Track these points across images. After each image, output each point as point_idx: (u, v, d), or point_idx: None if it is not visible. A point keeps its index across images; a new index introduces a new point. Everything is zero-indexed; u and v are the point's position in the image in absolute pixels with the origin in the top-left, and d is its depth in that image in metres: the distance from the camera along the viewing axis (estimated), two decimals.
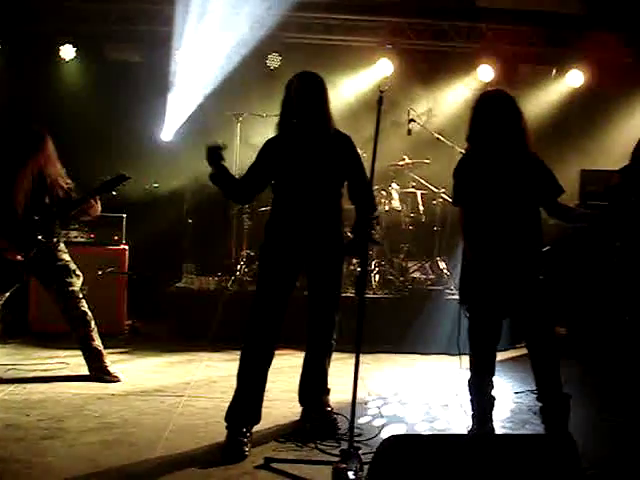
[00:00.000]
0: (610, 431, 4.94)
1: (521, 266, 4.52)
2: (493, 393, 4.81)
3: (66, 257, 5.73)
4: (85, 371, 5.78)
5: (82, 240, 7.37)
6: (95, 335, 5.76)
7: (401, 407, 5.43)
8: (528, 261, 4.55)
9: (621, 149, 6.37)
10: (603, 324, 6.10)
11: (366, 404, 5.29)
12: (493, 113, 4.48)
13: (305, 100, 4.45)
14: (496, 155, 4.48)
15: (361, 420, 4.38)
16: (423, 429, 4.87)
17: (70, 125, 7.93)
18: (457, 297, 4.84)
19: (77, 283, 5.74)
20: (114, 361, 6.01)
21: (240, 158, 7.53)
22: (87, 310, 5.73)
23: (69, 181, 5.72)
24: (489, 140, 4.48)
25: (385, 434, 3.28)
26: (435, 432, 4.80)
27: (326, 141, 4.51)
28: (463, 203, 4.62)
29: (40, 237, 5.54)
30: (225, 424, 4.37)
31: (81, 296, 5.73)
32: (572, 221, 4.77)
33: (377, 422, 4.93)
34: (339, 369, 5.01)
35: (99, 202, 5.73)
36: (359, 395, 3.84)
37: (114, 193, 5.72)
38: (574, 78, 9.11)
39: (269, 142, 4.62)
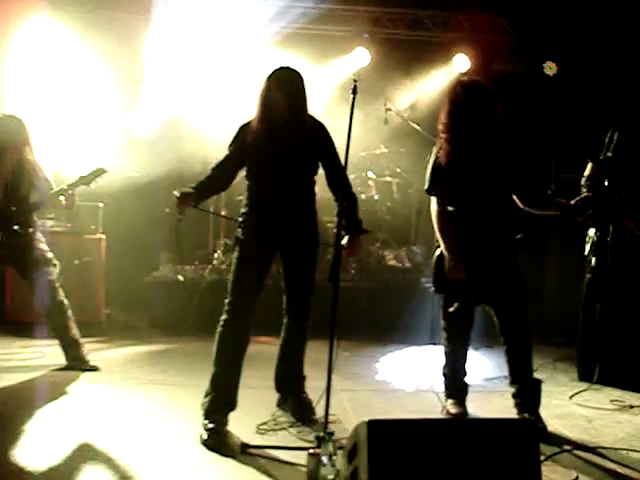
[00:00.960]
0: (581, 416, 5.02)
1: (495, 254, 4.59)
2: (466, 379, 4.89)
3: (43, 246, 5.72)
4: (62, 360, 5.78)
5: (58, 229, 7.35)
6: (72, 324, 5.76)
7: (376, 393, 5.49)
8: (502, 249, 4.62)
9: (594, 138, 6.45)
10: (576, 310, 6.17)
11: (341, 390, 5.34)
12: (470, 103, 4.53)
13: (283, 96, 4.45)
14: (473, 145, 4.54)
15: (336, 406, 4.42)
16: (397, 414, 4.92)
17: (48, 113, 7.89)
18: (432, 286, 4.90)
19: (54, 272, 5.73)
20: (92, 350, 6.02)
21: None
22: (64, 299, 5.73)
23: (45, 173, 5.71)
24: (466, 130, 4.54)
25: (359, 419, 3.30)
26: (410, 417, 4.85)
27: (300, 128, 4.52)
28: (438, 192, 4.68)
29: (16, 228, 5.54)
30: (201, 411, 4.40)
31: (58, 285, 5.73)
32: (545, 208, 4.83)
33: (352, 408, 4.98)
34: (314, 357, 5.05)
35: (75, 194, 5.72)
36: (334, 381, 3.89)
37: (92, 186, 5.72)
38: (548, 68, 9.15)
39: (243, 127, 4.62)
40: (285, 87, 4.47)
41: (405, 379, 5.89)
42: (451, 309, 4.68)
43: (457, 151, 4.57)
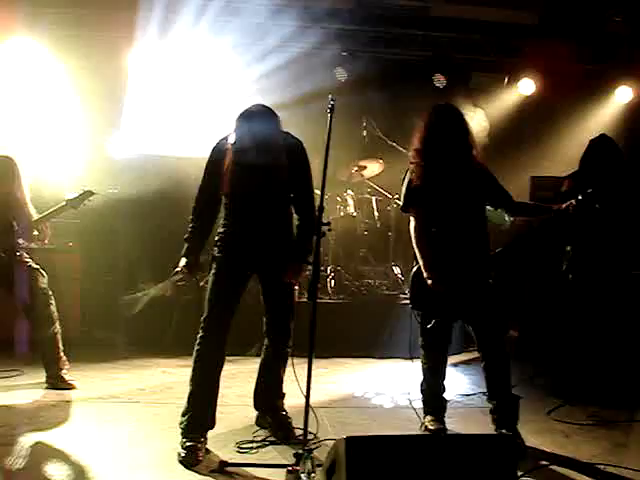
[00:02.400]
0: (559, 431, 5.05)
1: (471, 271, 4.64)
2: (444, 395, 4.91)
3: (28, 259, 5.72)
4: (40, 378, 5.75)
5: (34, 246, 7.27)
6: (59, 338, 5.75)
7: (355, 410, 5.49)
8: (477, 266, 4.66)
9: (570, 156, 6.53)
10: (553, 326, 6.22)
11: (320, 408, 5.33)
12: (443, 126, 4.64)
13: (259, 123, 4.45)
14: (445, 166, 4.62)
15: (315, 423, 4.42)
16: (376, 431, 4.93)
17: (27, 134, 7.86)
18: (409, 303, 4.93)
19: (44, 281, 5.71)
20: (69, 368, 5.97)
21: None
22: (55, 310, 5.71)
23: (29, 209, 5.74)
24: (439, 152, 4.63)
25: (339, 436, 3.31)
26: (388, 433, 4.86)
27: (276, 144, 4.49)
28: (412, 210, 4.75)
29: (3, 255, 5.57)
30: (180, 429, 4.38)
31: (50, 294, 5.71)
32: (535, 214, 4.95)
33: (330, 425, 4.98)
34: (293, 374, 5.05)
35: (48, 229, 5.76)
36: (313, 399, 3.89)
37: (79, 208, 5.76)
38: (526, 86, 9.27)
39: (217, 148, 4.62)
40: (255, 114, 4.48)
41: (384, 395, 5.90)
42: (428, 326, 4.71)
43: (428, 172, 4.66)
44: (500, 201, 4.80)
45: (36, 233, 5.75)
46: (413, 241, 4.76)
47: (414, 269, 4.81)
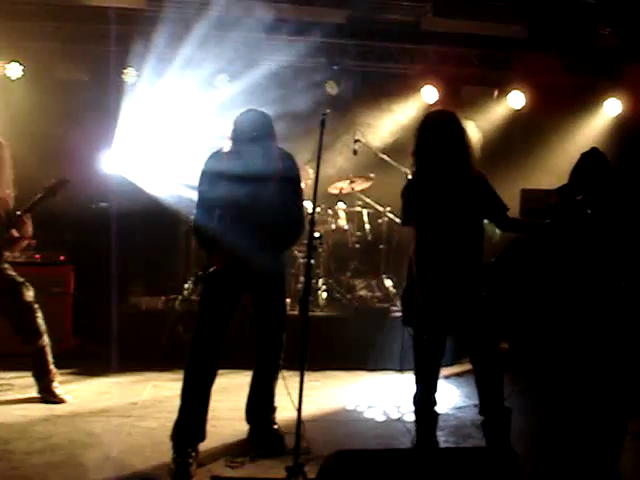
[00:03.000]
0: (551, 443, 5.06)
1: (464, 283, 4.63)
2: (436, 409, 4.90)
3: (12, 272, 5.69)
4: (31, 392, 5.74)
5: (26, 260, 7.28)
6: (48, 350, 5.73)
7: (347, 423, 5.49)
8: (471, 279, 4.66)
9: (560, 168, 6.55)
10: (544, 339, 6.23)
11: (312, 421, 5.33)
12: (437, 134, 4.58)
13: (251, 140, 4.49)
14: (441, 175, 4.57)
15: (307, 437, 4.42)
16: (368, 444, 4.93)
17: (17, 145, 7.83)
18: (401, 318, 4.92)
19: (30, 295, 5.69)
20: (61, 382, 5.95)
21: None
22: (43, 323, 5.70)
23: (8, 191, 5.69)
24: (434, 161, 4.58)
25: (330, 450, 3.32)
26: (380, 447, 4.87)
27: (268, 159, 4.54)
28: (413, 221, 4.67)
29: None
30: (171, 443, 4.38)
31: (37, 306, 5.69)
32: (527, 232, 4.92)
33: (323, 439, 4.97)
34: (285, 387, 5.05)
35: (30, 222, 5.71)
36: (305, 412, 3.89)
37: (57, 198, 5.72)
38: (515, 99, 9.32)
39: (211, 161, 4.65)
40: (250, 133, 4.51)
41: (375, 409, 5.90)
42: (421, 341, 4.70)
43: (426, 182, 4.61)
44: (493, 215, 4.78)
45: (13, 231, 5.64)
46: (412, 255, 4.67)
47: (407, 284, 4.78)
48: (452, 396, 6.25)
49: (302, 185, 4.91)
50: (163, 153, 8.37)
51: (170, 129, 8.47)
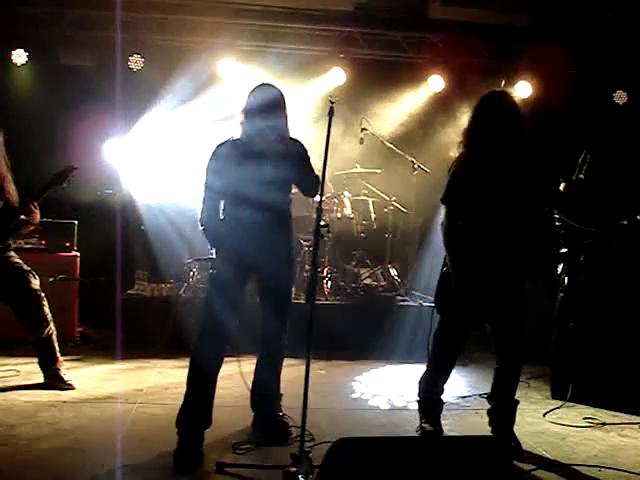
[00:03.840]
0: (554, 433, 5.07)
1: (504, 272, 4.54)
2: (442, 397, 4.91)
3: (19, 260, 5.70)
4: (37, 379, 5.77)
5: (32, 247, 7.31)
6: (54, 338, 5.75)
7: (352, 411, 5.50)
8: (512, 268, 4.56)
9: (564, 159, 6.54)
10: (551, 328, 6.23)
11: (317, 409, 5.34)
12: (491, 114, 4.47)
13: (264, 112, 4.48)
14: (492, 156, 4.45)
15: (312, 424, 4.43)
16: (373, 432, 4.94)
17: (22, 131, 7.84)
18: (419, 305, 4.85)
19: (36, 283, 5.70)
20: (67, 368, 5.97)
21: None
22: (49, 311, 5.71)
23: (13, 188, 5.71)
24: (486, 141, 4.45)
25: (335, 438, 3.32)
26: (384, 435, 4.87)
27: (277, 148, 4.52)
28: (452, 203, 4.58)
29: None
30: (176, 429, 4.39)
31: (43, 295, 5.70)
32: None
33: (328, 426, 4.99)
34: (291, 375, 5.07)
35: (38, 210, 5.72)
36: (310, 400, 3.90)
37: (65, 185, 5.73)
38: (522, 89, 9.28)
39: (219, 149, 4.62)
40: (264, 105, 4.50)
41: (380, 397, 5.91)
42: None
43: (473, 163, 4.50)
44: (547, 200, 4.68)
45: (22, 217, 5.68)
46: (443, 238, 4.59)
47: (442, 269, 4.70)
48: (456, 385, 6.26)
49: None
50: (170, 144, 8.38)
51: (177, 119, 8.47)
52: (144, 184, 8.23)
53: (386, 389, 6.18)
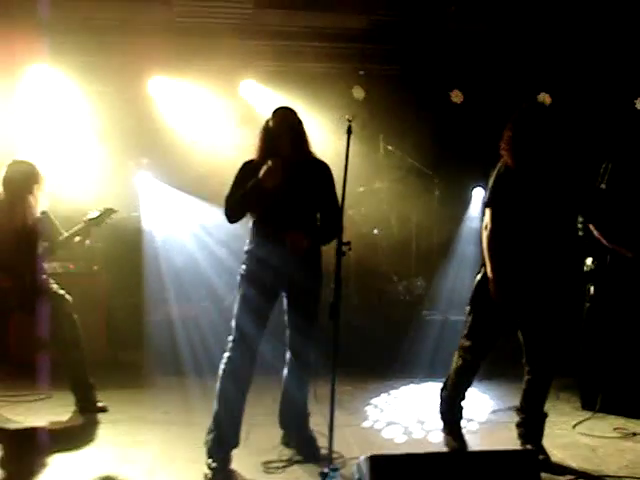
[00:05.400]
0: (584, 445, 5.04)
1: (545, 280, 4.57)
2: (462, 404, 4.90)
3: (54, 284, 5.79)
4: (67, 402, 5.82)
5: (61, 270, 7.38)
6: (85, 361, 5.79)
7: (379, 428, 5.50)
8: (554, 276, 4.59)
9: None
10: (579, 340, 6.20)
11: (346, 426, 5.35)
12: (538, 127, 4.53)
13: (284, 135, 4.54)
14: (542, 168, 4.52)
15: (339, 442, 4.44)
16: (401, 449, 4.94)
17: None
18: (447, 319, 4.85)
19: (69, 306, 5.78)
20: (97, 390, 6.02)
21: None
22: (80, 334, 5.77)
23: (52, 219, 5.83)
24: (536, 152, 4.51)
25: (363, 454, 3.34)
26: (412, 451, 4.86)
27: (303, 169, 4.59)
28: (497, 205, 4.61)
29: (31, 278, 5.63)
30: (205, 449, 4.42)
31: (75, 318, 5.76)
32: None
33: (355, 443, 5.01)
34: (318, 393, 5.09)
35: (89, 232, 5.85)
36: (337, 417, 3.91)
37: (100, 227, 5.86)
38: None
39: (247, 165, 4.66)
40: (286, 124, 4.57)
41: (407, 413, 5.90)
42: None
43: (518, 168, 4.54)
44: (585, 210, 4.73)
45: (77, 239, 5.79)
46: (484, 242, 4.63)
47: (478, 276, 4.73)
48: (484, 400, 6.24)
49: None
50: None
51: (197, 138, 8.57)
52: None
53: (413, 405, 6.17)
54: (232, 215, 4.60)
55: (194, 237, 8.34)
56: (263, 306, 4.59)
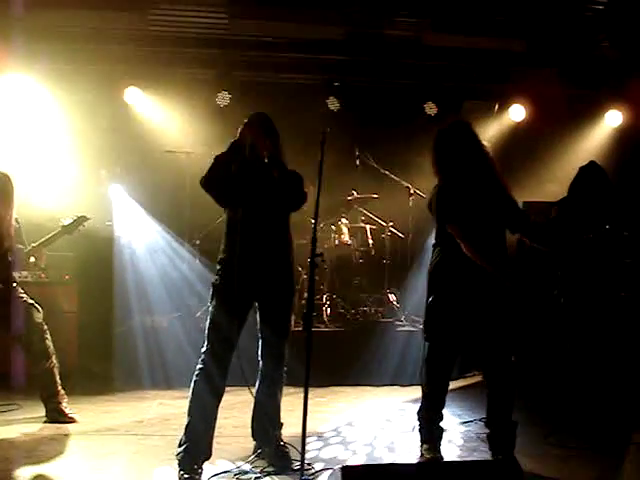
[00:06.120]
0: (555, 456, 5.06)
1: (487, 295, 4.62)
2: (442, 424, 4.91)
3: (23, 295, 5.72)
4: (38, 412, 5.75)
5: (31, 280, 7.30)
6: (56, 372, 5.74)
7: (352, 439, 5.49)
8: (494, 290, 4.63)
9: (562, 180, 6.57)
10: (548, 352, 6.24)
11: (318, 437, 5.33)
12: (455, 144, 4.67)
13: (256, 140, 4.55)
14: (469, 184, 4.63)
15: (312, 453, 4.43)
16: (373, 459, 4.94)
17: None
18: (419, 330, 4.89)
19: (40, 316, 5.72)
20: (67, 401, 5.95)
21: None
22: (51, 344, 5.71)
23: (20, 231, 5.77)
24: (459, 169, 4.64)
25: (335, 465, 3.33)
26: (384, 462, 4.87)
27: (274, 172, 4.58)
28: (457, 221, 4.63)
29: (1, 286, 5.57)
30: (176, 461, 4.39)
31: (46, 328, 5.71)
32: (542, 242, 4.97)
33: (328, 454, 4.98)
34: (290, 403, 5.06)
35: (45, 254, 5.83)
36: (311, 428, 3.91)
37: (74, 235, 5.82)
38: (516, 112, 9.35)
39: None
40: (260, 131, 4.57)
41: (381, 424, 5.90)
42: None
43: (458, 189, 4.64)
44: (513, 223, 4.81)
45: (32, 260, 5.76)
46: (469, 254, 4.57)
47: (430, 299, 4.77)
48: (457, 410, 6.25)
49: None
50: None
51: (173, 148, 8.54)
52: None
53: (387, 415, 6.17)
54: (210, 178, 4.58)
55: (166, 247, 8.31)
56: (236, 317, 4.56)
